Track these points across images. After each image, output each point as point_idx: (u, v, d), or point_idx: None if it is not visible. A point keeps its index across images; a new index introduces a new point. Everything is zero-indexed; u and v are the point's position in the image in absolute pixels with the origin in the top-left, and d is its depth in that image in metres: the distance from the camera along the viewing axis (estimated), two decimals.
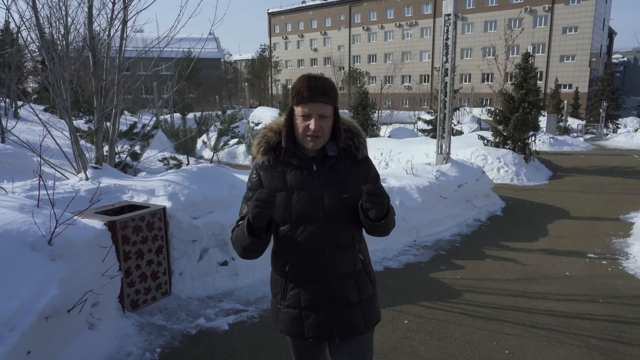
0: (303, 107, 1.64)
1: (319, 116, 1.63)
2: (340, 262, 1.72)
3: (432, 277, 4.80)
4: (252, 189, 1.75)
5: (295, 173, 1.70)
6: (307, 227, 1.68)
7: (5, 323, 2.09)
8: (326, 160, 1.71)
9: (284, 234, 1.71)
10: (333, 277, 1.71)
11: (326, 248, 1.69)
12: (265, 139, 1.75)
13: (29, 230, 2.71)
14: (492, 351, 3.29)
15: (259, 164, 1.77)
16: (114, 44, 4.62)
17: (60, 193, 3.80)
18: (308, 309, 1.72)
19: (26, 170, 4.91)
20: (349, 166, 1.74)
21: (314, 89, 1.62)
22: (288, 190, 1.69)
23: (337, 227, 1.70)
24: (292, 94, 1.66)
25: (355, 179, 1.73)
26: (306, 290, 1.72)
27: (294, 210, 1.68)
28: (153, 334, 3.28)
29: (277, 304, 1.80)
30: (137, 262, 3.57)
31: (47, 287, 2.47)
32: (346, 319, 1.73)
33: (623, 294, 4.46)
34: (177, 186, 4.15)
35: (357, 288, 1.76)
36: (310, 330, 1.73)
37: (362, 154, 1.78)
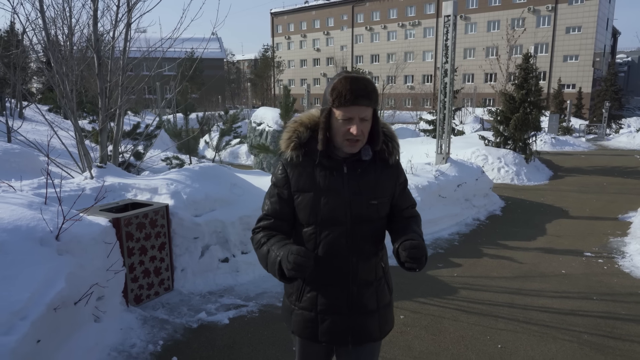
0: (345, 110, 1.55)
1: (360, 119, 1.56)
2: (362, 269, 1.68)
3: (429, 275, 4.88)
4: (278, 186, 1.67)
5: (325, 174, 1.63)
6: (333, 231, 1.63)
7: (17, 313, 2.20)
8: (358, 164, 1.65)
9: (308, 236, 1.65)
10: (354, 284, 1.67)
11: (350, 254, 1.65)
12: (297, 134, 1.66)
13: (37, 226, 2.82)
14: (485, 345, 3.38)
15: (287, 160, 1.67)
16: (118, 45, 4.74)
17: (66, 191, 3.92)
18: (324, 313, 1.68)
19: (33, 169, 5.04)
20: (379, 171, 1.68)
21: (357, 92, 1.53)
22: (316, 191, 1.62)
23: (363, 234, 1.66)
24: (333, 96, 1.56)
25: (385, 184, 1.69)
26: (325, 294, 1.67)
27: (320, 213, 1.62)
28: (156, 327, 3.39)
29: (291, 305, 1.75)
30: (140, 258, 3.68)
31: (55, 280, 2.58)
32: (362, 325, 1.70)
33: (617, 292, 4.53)
34: (180, 185, 4.26)
35: (376, 296, 1.72)
36: (324, 335, 1.69)
37: (394, 159, 1.71)
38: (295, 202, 1.66)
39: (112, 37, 4.57)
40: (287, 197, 1.66)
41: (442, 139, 8.14)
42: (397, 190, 1.73)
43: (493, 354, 3.27)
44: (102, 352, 2.91)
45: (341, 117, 1.55)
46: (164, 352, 3.10)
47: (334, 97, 1.55)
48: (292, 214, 1.68)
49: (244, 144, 14.77)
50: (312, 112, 1.71)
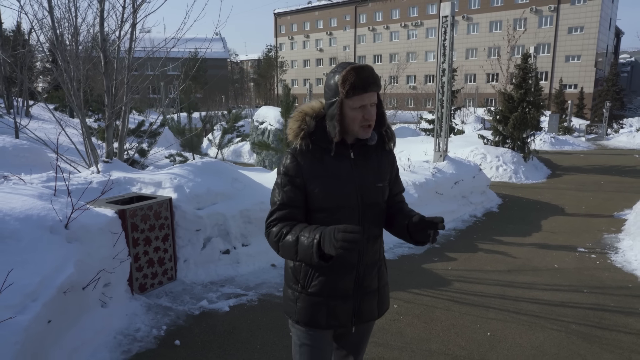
0: (359, 98, 1.63)
1: (371, 105, 1.65)
2: (370, 250, 1.75)
3: (424, 268, 5.02)
4: (290, 174, 1.69)
5: (333, 160, 1.70)
6: (344, 215, 1.68)
7: (29, 295, 2.36)
8: (364, 148, 1.74)
9: (320, 221, 1.67)
10: (362, 265, 1.73)
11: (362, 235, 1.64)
12: (305, 123, 1.73)
13: (47, 216, 2.98)
14: (474, 333, 3.51)
15: (296, 149, 1.72)
16: (124, 45, 4.90)
17: (74, 184, 4.07)
18: (333, 297, 1.71)
19: (42, 164, 5.21)
20: (380, 156, 1.78)
21: (366, 80, 1.62)
22: (327, 177, 1.68)
23: (372, 216, 1.73)
24: (346, 87, 1.62)
25: (385, 169, 1.78)
26: (334, 278, 1.71)
27: (332, 198, 1.67)
28: (159, 313, 3.55)
29: (297, 292, 1.75)
30: (145, 249, 3.84)
31: (65, 265, 2.74)
32: (364, 306, 1.76)
33: (607, 285, 4.65)
34: (183, 179, 4.42)
35: (378, 276, 1.81)
36: (333, 319, 1.73)
37: (390, 145, 1.82)
38: (308, 189, 1.68)
39: (118, 37, 4.73)
40: (300, 184, 1.69)
41: (440, 137, 8.27)
42: (392, 174, 1.84)
43: (482, 341, 3.40)
44: (109, 335, 3.07)
45: (357, 106, 1.63)
46: (167, 336, 3.25)
47: (347, 89, 1.61)
48: (305, 201, 1.70)
49: (247, 142, 14.94)
50: (313, 103, 1.78)
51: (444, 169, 7.52)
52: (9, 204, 2.95)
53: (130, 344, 3.07)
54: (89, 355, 2.81)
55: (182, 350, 3.10)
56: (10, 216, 2.80)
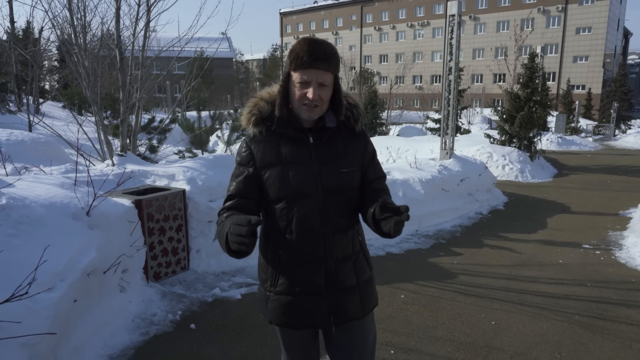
0: (302, 73, 1.49)
1: (318, 84, 1.50)
2: (339, 242, 1.61)
3: (430, 262, 5.12)
4: (242, 164, 1.61)
5: (290, 146, 1.57)
6: (304, 205, 1.56)
7: (57, 275, 2.49)
8: (324, 132, 1.60)
9: (279, 212, 1.58)
10: (331, 260, 1.60)
11: (324, 227, 1.58)
12: (257, 109, 1.61)
13: (70, 203, 3.12)
14: (479, 322, 3.61)
15: (250, 137, 1.62)
16: (137, 42, 5.05)
17: (91, 176, 4.21)
18: (302, 294, 1.60)
19: (57, 157, 5.37)
20: (347, 139, 1.64)
21: (314, 54, 1.47)
22: (283, 164, 1.56)
23: (336, 205, 1.59)
24: (290, 58, 1.51)
25: (354, 153, 1.64)
26: (301, 274, 1.59)
27: (289, 187, 1.55)
28: (174, 300, 3.69)
29: (266, 292, 1.65)
30: (159, 238, 3.97)
31: (88, 250, 2.87)
32: (342, 304, 1.62)
33: (611, 279, 4.72)
34: (195, 172, 4.55)
35: (354, 271, 1.65)
36: (304, 319, 1.61)
37: (360, 127, 1.67)
38: (263, 179, 1.58)
39: (133, 34, 4.88)
40: (253, 174, 1.60)
41: (446, 135, 8.36)
42: (366, 159, 1.68)
43: (487, 329, 3.50)
44: (127, 318, 3.20)
45: (298, 80, 1.50)
46: (183, 320, 3.38)
47: (291, 59, 1.50)
48: (258, 192, 1.61)
49: None
50: (272, 87, 1.65)
51: (450, 167, 7.60)
52: (34, 191, 3.09)
53: (147, 327, 3.21)
54: (109, 335, 2.94)
55: (197, 333, 3.23)
56: (36, 203, 2.94)
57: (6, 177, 3.50)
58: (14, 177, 3.33)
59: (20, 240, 2.62)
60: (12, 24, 12.76)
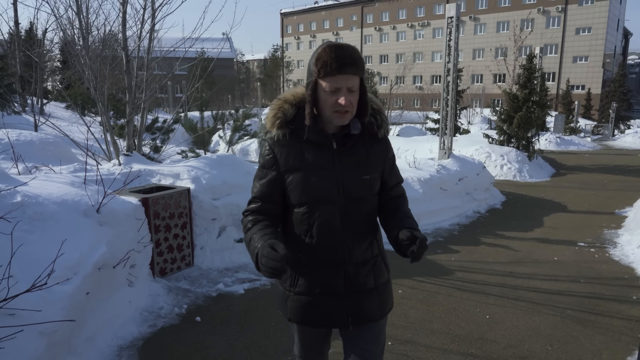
0: (331, 80, 1.48)
1: (347, 90, 1.50)
2: (358, 247, 1.64)
3: (428, 259, 5.24)
4: (266, 167, 1.62)
5: (313, 151, 1.58)
6: (326, 210, 1.58)
7: (71, 268, 2.63)
8: (348, 138, 1.60)
9: (300, 216, 1.61)
10: (350, 263, 1.63)
11: (345, 232, 1.60)
12: (282, 111, 1.61)
13: (80, 201, 3.25)
14: (474, 315, 3.74)
15: (273, 139, 1.61)
16: (143, 45, 5.18)
17: (100, 175, 4.34)
18: (322, 295, 1.63)
19: (65, 157, 5.50)
20: (369, 145, 1.64)
21: (342, 60, 1.47)
22: (306, 169, 1.57)
23: (357, 211, 1.61)
24: (318, 66, 1.49)
25: (376, 159, 1.65)
26: (321, 276, 1.63)
27: (312, 192, 1.57)
28: (180, 294, 3.82)
29: (286, 291, 1.69)
30: (165, 235, 4.11)
31: (98, 245, 3.00)
32: (361, 305, 1.66)
33: (604, 276, 4.84)
34: (199, 171, 4.68)
35: (373, 274, 1.69)
36: (323, 318, 1.65)
37: (382, 133, 1.67)
38: (285, 183, 1.60)
39: (139, 37, 5.01)
40: (276, 177, 1.60)
41: (445, 136, 8.49)
42: (386, 165, 1.70)
43: (481, 322, 3.63)
44: (135, 312, 3.34)
45: (328, 88, 1.49)
46: (188, 314, 3.52)
47: (319, 67, 1.49)
48: (281, 195, 1.63)
49: (254, 140, 15.21)
50: (296, 89, 1.65)
51: (448, 166, 7.73)
52: (46, 189, 3.23)
53: (155, 320, 3.35)
54: (119, 327, 3.08)
55: (203, 325, 3.36)
56: (49, 200, 3.07)
57: (19, 176, 3.64)
58: (28, 176, 3.47)
59: (35, 236, 2.76)
60: (17, 25, 12.91)
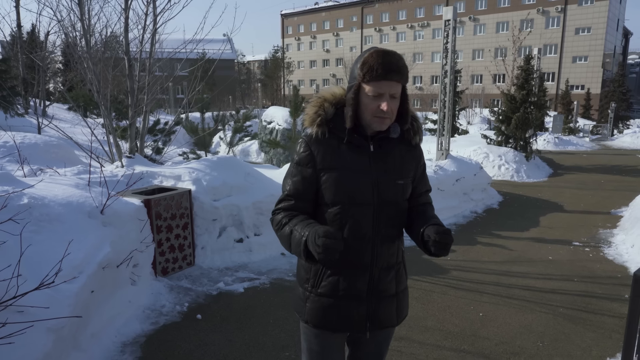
0: (375, 85, 1.50)
1: (390, 96, 1.52)
2: (386, 252, 1.64)
3: (424, 258, 5.32)
4: (302, 164, 1.60)
5: (350, 152, 1.58)
6: (359, 212, 1.57)
7: (76, 267, 2.73)
8: (386, 142, 1.62)
9: (332, 216, 1.59)
10: (376, 268, 1.62)
11: (375, 235, 1.60)
12: (323, 109, 1.60)
13: (85, 202, 3.36)
14: (468, 313, 3.84)
15: (311, 137, 1.60)
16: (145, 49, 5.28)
17: (103, 177, 4.45)
18: (344, 298, 1.61)
19: (68, 159, 5.61)
20: (404, 151, 1.66)
21: (388, 66, 1.48)
22: (342, 169, 1.57)
23: (388, 215, 1.61)
24: (364, 70, 1.50)
25: (409, 165, 1.66)
26: (345, 278, 1.60)
27: (347, 193, 1.56)
28: (181, 293, 3.92)
29: (307, 292, 1.66)
30: (167, 235, 4.21)
31: (102, 245, 3.11)
32: (380, 312, 1.66)
33: (598, 275, 4.94)
34: (200, 173, 4.79)
35: (395, 280, 1.69)
36: (342, 323, 1.63)
37: (417, 140, 1.69)
38: (320, 181, 1.59)
39: (141, 42, 5.12)
40: (311, 175, 1.60)
41: (442, 137, 8.59)
42: (418, 172, 1.71)
43: (474, 320, 3.73)
44: (138, 309, 3.44)
45: (372, 93, 1.51)
46: (190, 311, 3.62)
47: (364, 72, 1.50)
48: (314, 194, 1.62)
49: (255, 141, 15.33)
50: (335, 89, 1.66)
51: (445, 167, 7.83)
52: (52, 191, 3.33)
53: (157, 317, 3.45)
54: (122, 324, 3.18)
55: (203, 323, 3.47)
56: (54, 202, 3.17)
57: (25, 178, 3.74)
58: (34, 179, 3.58)
59: (41, 236, 2.86)
60: (19, 28, 13.03)
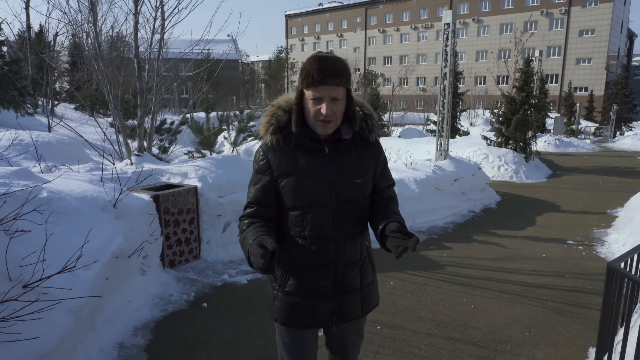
0: (314, 90, 1.54)
1: (330, 99, 1.55)
2: (349, 248, 1.68)
3: (421, 254, 5.53)
4: (260, 172, 1.66)
5: (306, 156, 1.62)
6: (319, 213, 1.62)
7: (92, 256, 2.95)
8: (339, 143, 1.65)
9: (294, 219, 1.64)
10: (340, 264, 1.67)
11: (337, 234, 1.65)
12: (275, 118, 1.65)
13: (99, 197, 3.58)
14: (459, 305, 4.03)
15: (267, 145, 1.66)
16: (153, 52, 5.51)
17: (113, 174, 4.68)
18: (310, 296, 1.68)
19: (80, 157, 5.83)
20: (361, 149, 1.69)
21: (325, 71, 1.52)
22: (299, 174, 1.61)
23: (348, 213, 1.66)
24: (302, 77, 1.56)
25: (367, 163, 1.70)
26: (311, 277, 1.67)
27: (305, 196, 1.61)
28: (188, 284, 4.15)
29: (275, 291, 1.73)
30: (174, 229, 4.43)
31: (115, 237, 3.33)
32: (345, 305, 1.72)
33: (589, 272, 5.11)
34: (206, 170, 5.01)
35: (360, 275, 1.74)
36: (308, 318, 1.69)
37: (374, 137, 1.73)
38: (279, 187, 1.63)
39: (149, 45, 5.35)
40: (269, 182, 1.64)
41: (441, 137, 8.78)
42: (378, 168, 1.75)
43: (465, 311, 3.92)
44: (148, 298, 3.67)
45: (311, 97, 1.55)
46: (196, 300, 3.85)
47: (303, 77, 1.56)
48: (276, 199, 1.66)
49: (259, 141, 15.56)
50: (290, 95, 1.69)
51: (444, 167, 8.01)
52: (68, 186, 3.56)
53: (165, 305, 3.67)
54: (133, 311, 3.40)
55: (209, 310, 3.69)
56: (71, 196, 3.40)
57: (41, 174, 3.97)
58: (52, 175, 3.80)
59: (60, 227, 3.08)
60: (29, 30, 13.31)
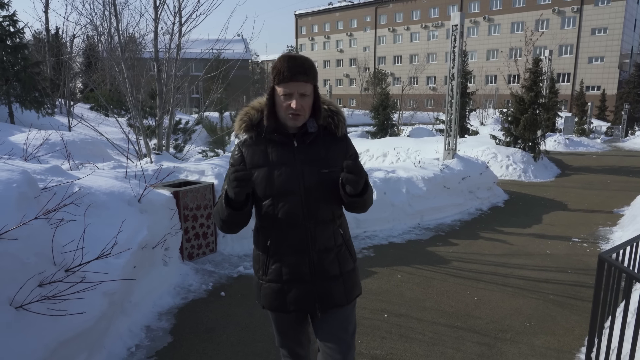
0: (284, 86, 1.69)
1: (299, 95, 1.69)
2: (321, 235, 1.78)
3: (428, 250, 5.73)
4: (234, 165, 1.78)
5: (276, 149, 1.76)
6: (288, 201, 1.73)
7: (121, 246, 3.20)
8: (306, 136, 1.79)
9: (266, 209, 1.76)
10: (314, 251, 1.77)
11: (307, 221, 1.75)
12: (248, 117, 1.81)
13: (124, 192, 3.85)
14: (464, 297, 4.22)
15: (241, 141, 1.83)
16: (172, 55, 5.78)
17: (135, 171, 4.95)
18: (289, 282, 1.78)
19: (102, 156, 6.15)
20: (329, 143, 1.82)
21: (294, 69, 1.66)
22: (270, 165, 1.75)
23: (317, 201, 1.76)
24: (273, 74, 1.71)
25: (335, 156, 1.80)
26: (288, 263, 1.77)
27: (275, 185, 1.73)
28: (206, 275, 4.40)
29: (259, 280, 1.85)
30: (193, 224, 4.69)
31: (141, 229, 3.59)
32: (327, 291, 1.80)
33: (592, 268, 5.22)
34: (222, 168, 5.26)
35: (337, 261, 1.83)
36: (291, 304, 1.79)
37: (341, 132, 1.85)
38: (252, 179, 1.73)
39: (168, 49, 5.62)
40: None
41: (449, 137, 8.94)
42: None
43: (469, 302, 4.11)
44: (170, 287, 3.93)
45: (282, 93, 1.70)
46: (214, 289, 4.10)
47: (274, 75, 1.71)
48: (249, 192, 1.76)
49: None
50: (263, 98, 1.84)
51: (452, 166, 8.17)
52: (96, 182, 3.83)
53: (186, 294, 3.93)
54: (157, 297, 3.67)
55: (227, 299, 3.94)
56: (99, 191, 3.67)
57: (70, 171, 4.25)
58: (81, 172, 4.08)
59: (90, 219, 3.33)
60: (48, 32, 13.74)
